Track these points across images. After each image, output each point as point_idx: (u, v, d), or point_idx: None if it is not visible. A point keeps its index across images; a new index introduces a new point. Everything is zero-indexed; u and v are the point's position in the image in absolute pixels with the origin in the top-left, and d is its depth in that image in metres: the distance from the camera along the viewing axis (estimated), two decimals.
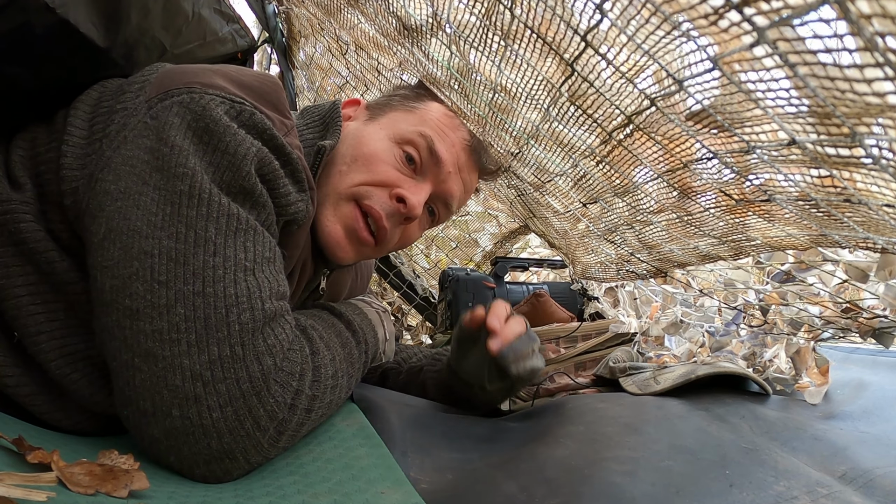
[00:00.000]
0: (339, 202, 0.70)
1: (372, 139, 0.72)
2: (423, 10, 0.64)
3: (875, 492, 0.48)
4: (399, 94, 0.80)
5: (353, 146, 0.72)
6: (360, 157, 0.71)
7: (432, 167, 0.73)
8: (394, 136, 0.73)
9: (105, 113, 0.57)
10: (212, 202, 0.51)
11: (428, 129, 0.73)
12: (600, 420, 0.64)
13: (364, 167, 0.70)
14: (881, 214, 0.40)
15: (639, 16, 0.36)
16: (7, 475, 0.34)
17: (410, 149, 0.72)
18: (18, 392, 0.54)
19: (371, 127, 0.75)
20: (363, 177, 0.70)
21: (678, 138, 0.48)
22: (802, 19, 0.26)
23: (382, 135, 0.73)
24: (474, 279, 1.23)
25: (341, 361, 0.62)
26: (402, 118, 0.75)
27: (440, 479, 0.53)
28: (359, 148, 0.71)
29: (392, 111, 0.77)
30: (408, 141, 0.72)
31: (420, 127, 0.73)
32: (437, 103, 0.77)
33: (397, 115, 0.76)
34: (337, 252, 0.71)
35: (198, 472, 0.49)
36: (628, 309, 1.06)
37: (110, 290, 0.49)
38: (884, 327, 0.63)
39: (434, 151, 0.73)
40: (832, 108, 0.31)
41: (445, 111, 0.76)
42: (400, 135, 0.73)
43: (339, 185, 0.70)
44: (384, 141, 0.72)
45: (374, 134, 0.73)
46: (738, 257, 0.64)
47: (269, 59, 1.48)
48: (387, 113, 0.77)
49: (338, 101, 0.74)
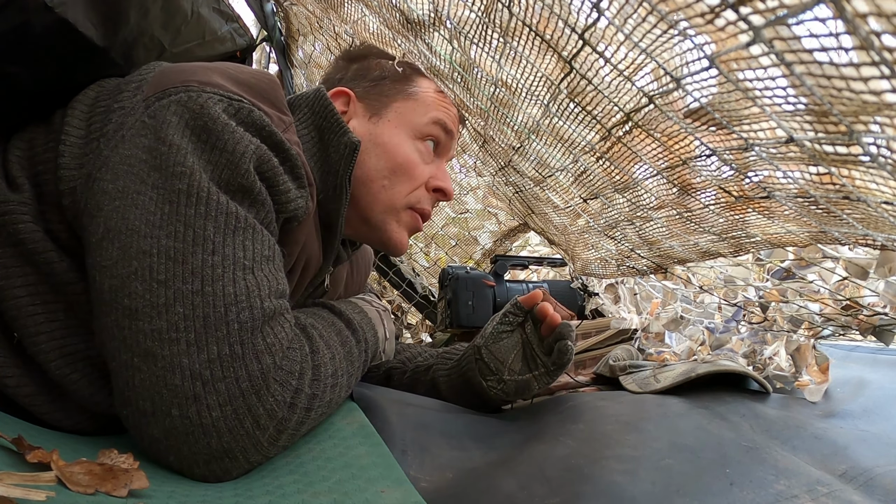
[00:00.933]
0: (399, 214, 0.76)
1: (400, 146, 0.75)
2: (425, 6, 0.64)
3: (875, 490, 0.48)
4: (387, 76, 0.79)
5: (384, 157, 0.74)
6: (398, 168, 0.74)
7: (446, 143, 0.80)
8: (413, 132, 0.76)
9: (102, 112, 0.57)
10: (210, 201, 0.51)
11: (437, 112, 0.78)
12: (600, 418, 0.64)
13: (405, 177, 0.75)
14: (880, 211, 0.40)
15: (636, 14, 0.36)
16: (7, 475, 0.34)
17: (431, 139, 0.78)
18: (19, 393, 0.54)
19: (384, 127, 0.75)
20: (409, 186, 0.76)
21: (677, 135, 0.48)
22: (798, 18, 0.26)
23: (403, 136, 0.76)
24: (474, 277, 1.23)
25: (341, 360, 0.62)
26: (409, 109, 0.77)
27: (440, 478, 0.53)
28: (392, 159, 0.74)
29: (392, 101, 0.77)
30: (427, 134, 0.77)
31: (430, 113, 0.77)
32: (423, 78, 0.79)
33: (401, 107, 0.77)
34: (401, 251, 0.79)
35: (197, 471, 0.50)
36: (629, 305, 1.06)
37: (109, 290, 0.49)
38: (884, 325, 0.63)
39: (448, 131, 0.79)
40: (829, 106, 0.31)
41: (432, 83, 0.79)
42: (418, 129, 0.76)
43: (393, 201, 0.75)
44: (409, 142, 0.76)
45: (396, 137, 0.75)
46: (737, 254, 0.64)
47: (267, 57, 1.48)
48: (388, 105, 0.77)
49: (320, 88, 0.73)
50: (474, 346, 0.82)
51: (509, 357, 0.78)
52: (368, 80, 0.79)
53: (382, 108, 0.76)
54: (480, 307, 1.21)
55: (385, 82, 0.78)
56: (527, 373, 0.77)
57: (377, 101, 0.77)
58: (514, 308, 0.82)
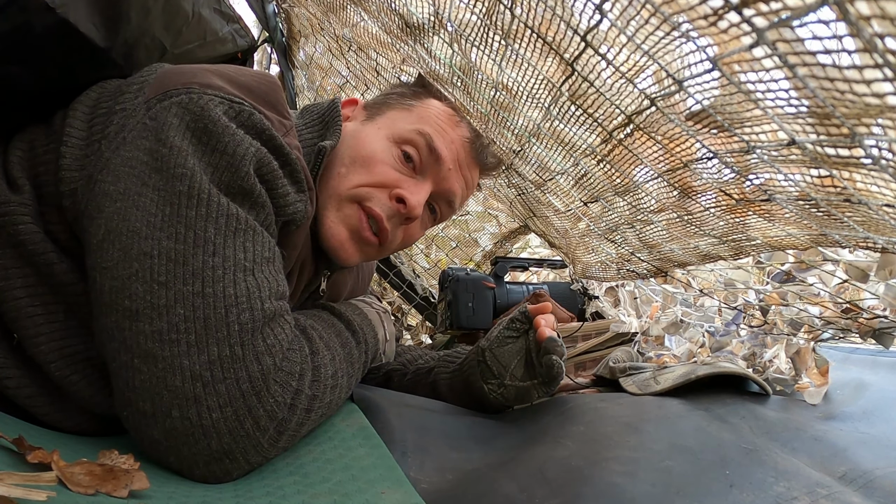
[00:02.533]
0: (341, 204, 0.70)
1: (370, 139, 0.72)
2: (425, 9, 0.64)
3: (875, 492, 0.48)
4: (396, 92, 0.79)
5: (351, 147, 0.71)
6: (359, 158, 0.70)
7: (432, 165, 0.73)
8: (392, 135, 0.72)
9: (104, 114, 0.57)
10: (211, 202, 0.51)
11: (426, 126, 0.73)
12: (600, 420, 0.64)
13: (363, 168, 0.70)
14: (881, 214, 0.40)
15: (638, 16, 0.36)
16: (7, 475, 0.34)
17: (409, 148, 0.72)
18: (19, 394, 0.54)
19: (369, 127, 0.74)
20: (363, 178, 0.70)
21: (678, 138, 0.48)
22: (801, 20, 0.26)
23: (381, 135, 0.73)
24: (474, 279, 1.23)
25: (341, 361, 0.62)
26: (401, 117, 0.75)
27: (440, 480, 0.53)
28: (357, 149, 0.71)
29: (390, 110, 0.76)
30: (406, 140, 0.72)
31: (418, 125, 0.73)
32: (437, 100, 0.76)
33: (395, 115, 0.75)
34: (340, 254, 0.71)
35: (197, 472, 0.49)
36: (629, 308, 1.06)
37: (110, 291, 0.49)
38: (884, 328, 0.63)
39: (433, 149, 0.72)
40: (831, 108, 0.31)
41: (445, 108, 0.75)
42: (398, 134, 0.72)
43: (339, 187, 0.69)
44: (382, 141, 0.72)
45: (373, 134, 0.73)
46: (738, 257, 0.64)
47: (269, 58, 1.48)
48: (385, 112, 0.76)
49: (337, 100, 0.74)
50: (479, 348, 0.81)
51: (512, 362, 0.77)
52: (383, 94, 0.79)
53: (379, 114, 0.76)
54: (480, 309, 1.21)
55: (393, 95, 0.78)
56: (528, 380, 0.76)
57: (378, 109, 0.77)
58: (522, 315, 0.81)
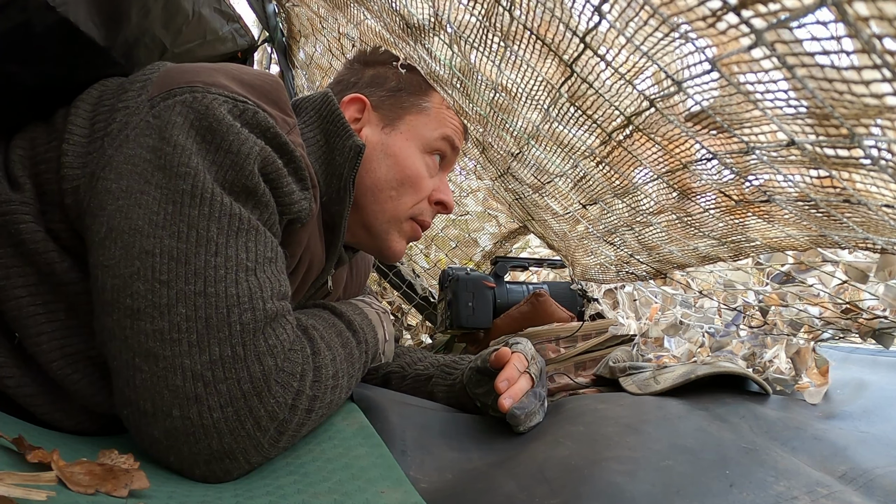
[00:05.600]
0: (401, 225, 0.79)
1: (410, 159, 0.77)
2: (425, 10, 0.64)
3: (875, 492, 0.48)
4: (403, 87, 0.79)
5: (394, 169, 0.76)
6: (407, 180, 0.77)
7: (451, 157, 0.83)
8: (422, 146, 0.79)
9: (106, 111, 0.57)
10: (214, 202, 0.51)
11: (447, 129, 0.80)
12: (600, 420, 0.64)
13: (412, 189, 0.77)
14: (880, 215, 0.41)
15: (637, 18, 0.36)
16: (7, 474, 0.34)
17: (438, 153, 0.81)
18: (19, 393, 0.54)
19: (396, 138, 0.77)
20: (414, 198, 0.78)
21: (677, 139, 0.48)
22: (800, 22, 0.27)
23: (414, 149, 0.78)
24: (474, 279, 1.23)
25: (342, 361, 0.62)
26: (421, 123, 0.78)
27: (440, 479, 0.53)
28: (402, 171, 0.76)
29: (407, 115, 0.78)
30: (436, 149, 0.80)
31: (440, 129, 0.79)
32: (434, 91, 0.80)
33: (415, 120, 0.78)
34: (396, 260, 0.84)
35: (198, 471, 0.50)
36: (628, 311, 1.06)
37: (111, 290, 0.49)
38: (883, 328, 0.63)
39: (455, 147, 0.82)
40: (830, 109, 0.31)
41: (440, 97, 0.81)
42: (427, 144, 0.79)
43: (397, 211, 0.78)
44: (418, 156, 0.78)
45: (407, 150, 0.77)
46: (737, 258, 0.64)
47: (269, 58, 1.48)
48: (402, 117, 0.78)
49: (329, 93, 0.74)
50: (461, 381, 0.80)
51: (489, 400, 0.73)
52: (385, 90, 0.79)
53: (396, 119, 0.78)
54: (480, 308, 1.22)
55: (401, 94, 0.79)
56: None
57: (392, 112, 0.78)
58: (483, 365, 0.75)
